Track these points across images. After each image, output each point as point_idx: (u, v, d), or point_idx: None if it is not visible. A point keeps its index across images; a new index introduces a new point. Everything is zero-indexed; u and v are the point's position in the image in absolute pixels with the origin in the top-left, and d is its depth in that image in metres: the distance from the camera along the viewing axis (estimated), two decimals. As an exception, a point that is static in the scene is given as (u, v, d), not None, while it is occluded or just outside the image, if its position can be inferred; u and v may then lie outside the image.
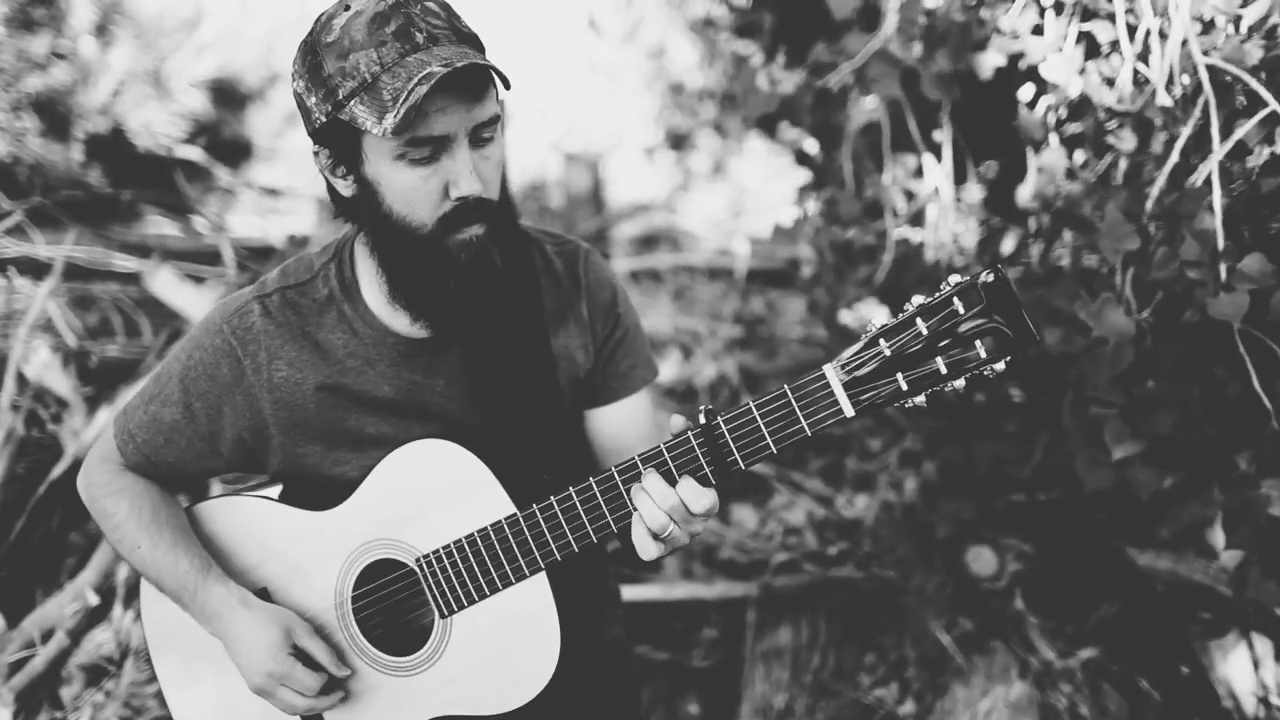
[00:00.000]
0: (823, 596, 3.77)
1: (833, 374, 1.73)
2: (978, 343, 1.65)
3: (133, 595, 3.46)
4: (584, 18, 8.82)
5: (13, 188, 6.41)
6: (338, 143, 1.86)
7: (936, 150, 3.58)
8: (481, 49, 1.87)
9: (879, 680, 3.52)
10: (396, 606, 2.09)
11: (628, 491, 1.87)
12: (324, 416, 2.06)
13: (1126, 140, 2.85)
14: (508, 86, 1.81)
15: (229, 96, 9.91)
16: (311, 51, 1.82)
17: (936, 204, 3.59)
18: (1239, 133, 2.46)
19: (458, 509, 1.99)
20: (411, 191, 1.83)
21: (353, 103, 1.78)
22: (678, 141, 9.09)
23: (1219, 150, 2.49)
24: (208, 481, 3.53)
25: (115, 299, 5.10)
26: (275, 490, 2.16)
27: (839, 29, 3.63)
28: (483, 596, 2.00)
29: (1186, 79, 2.70)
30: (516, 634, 2.01)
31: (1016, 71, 3.29)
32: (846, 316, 3.86)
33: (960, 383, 1.70)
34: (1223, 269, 2.38)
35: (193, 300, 5.05)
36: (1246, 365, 2.43)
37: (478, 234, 1.87)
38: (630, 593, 3.80)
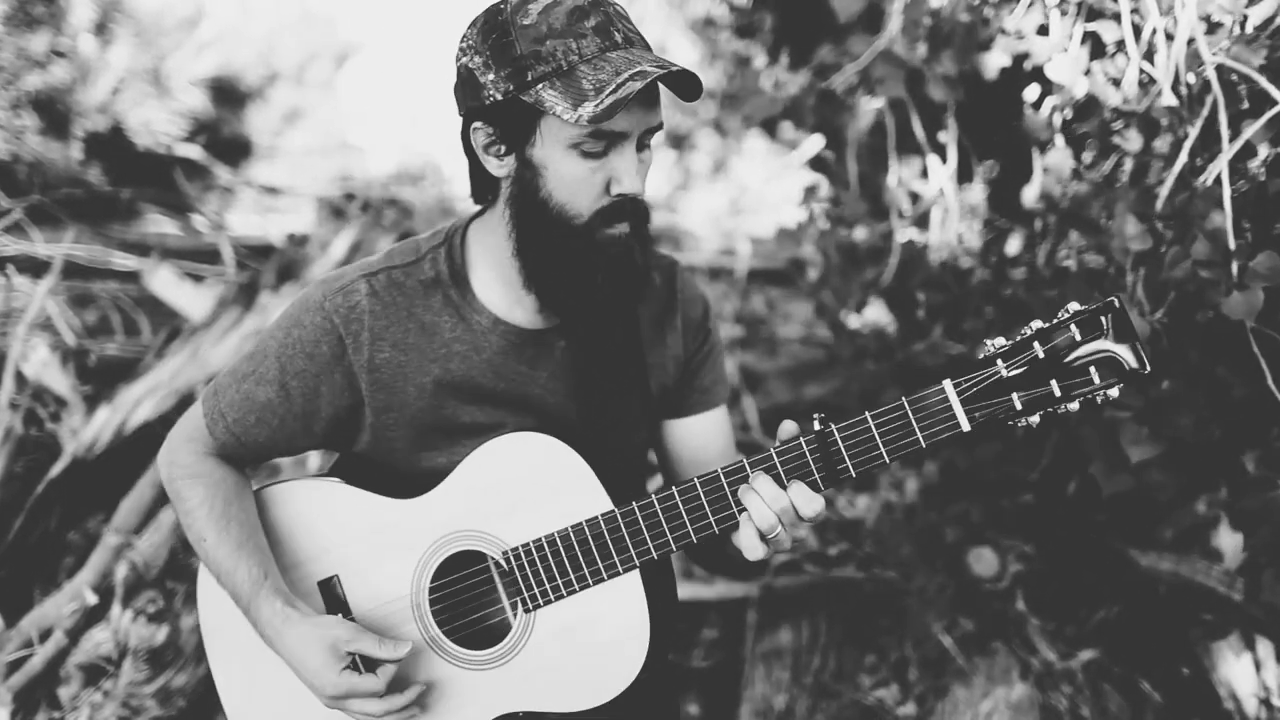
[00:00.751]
0: (823, 597, 3.76)
1: (951, 389, 1.79)
2: (1092, 368, 1.74)
3: (131, 595, 3.45)
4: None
5: (12, 186, 6.41)
6: (509, 121, 1.87)
7: (941, 151, 3.58)
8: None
9: (880, 681, 3.51)
10: (475, 600, 2.07)
11: (733, 493, 1.89)
12: (423, 401, 2.04)
13: (1132, 140, 2.85)
14: (694, 99, 1.87)
15: (229, 95, 9.92)
16: (501, 30, 1.83)
17: (941, 205, 3.59)
18: (1248, 132, 2.46)
19: (552, 504, 1.98)
20: (578, 181, 1.85)
21: (541, 86, 1.80)
22: (678, 141, 9.10)
23: (1228, 149, 2.48)
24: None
25: (114, 297, 5.09)
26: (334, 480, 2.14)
27: (843, 30, 3.63)
28: (571, 592, 1.99)
29: (1192, 78, 2.69)
30: (603, 631, 2.00)
31: (1021, 72, 3.29)
32: (852, 318, 3.86)
33: (1074, 405, 1.77)
34: (1235, 268, 2.38)
35: (192, 299, 5.05)
36: (1260, 364, 2.42)
37: (625, 232, 1.90)
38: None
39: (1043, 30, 3.20)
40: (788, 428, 1.89)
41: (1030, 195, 3.28)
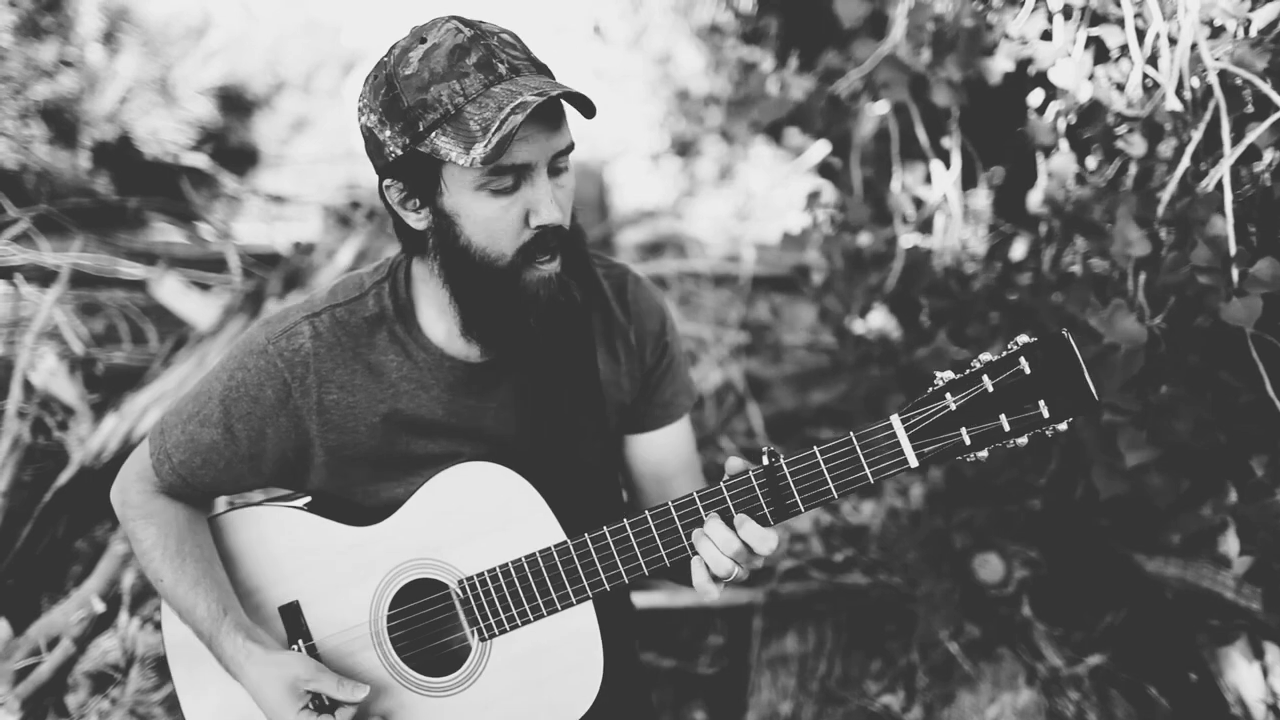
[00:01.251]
0: (829, 603, 3.75)
1: (898, 424, 1.78)
2: (1041, 402, 1.72)
3: (138, 602, 3.46)
4: (590, 25, 8.84)
5: (20, 195, 6.43)
6: (414, 175, 1.85)
7: (945, 156, 3.58)
8: (552, 76, 1.88)
9: (886, 687, 3.50)
10: (433, 627, 2.07)
11: (685, 528, 1.89)
12: (376, 440, 2.04)
13: (1136, 145, 2.84)
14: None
15: (236, 103, 9.95)
16: (387, 85, 1.81)
17: (945, 210, 3.58)
18: (1250, 137, 2.45)
19: (505, 533, 1.98)
20: (493, 221, 1.83)
21: (434, 134, 1.78)
22: (683, 148, 9.10)
23: (1230, 154, 2.48)
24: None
25: (122, 306, 5.11)
26: (303, 501, 2.14)
27: (847, 36, 3.63)
28: (526, 622, 2.00)
29: (1196, 83, 2.69)
30: (559, 660, 2.01)
31: (1025, 77, 3.28)
32: (857, 324, 3.85)
33: (1023, 440, 1.75)
34: (1235, 274, 2.37)
35: (199, 307, 5.06)
36: (1259, 370, 2.42)
37: (555, 271, 1.88)
38: (635, 600, 3.79)
39: (1046, 35, 3.19)
40: (735, 463, 1.88)
41: (1035, 200, 3.27)
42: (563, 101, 1.81)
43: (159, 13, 9.35)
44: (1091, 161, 3.15)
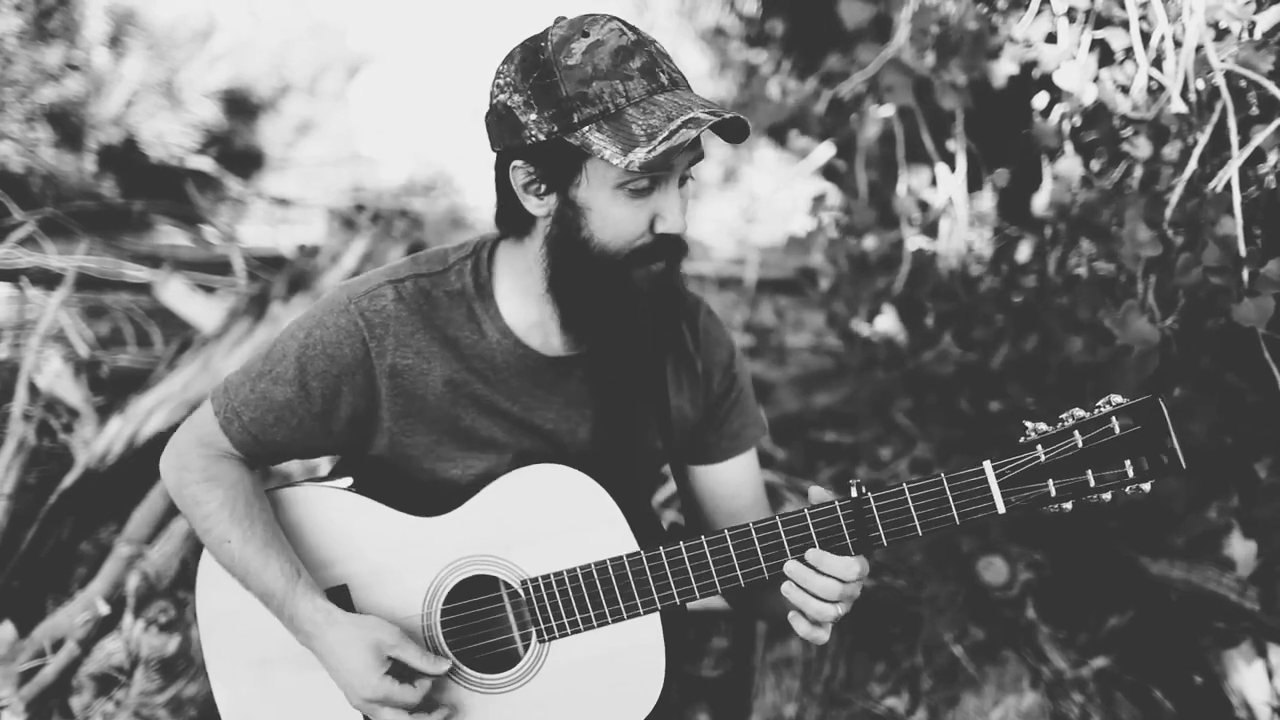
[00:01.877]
0: (834, 606, 3.74)
1: (990, 470, 1.81)
2: (1127, 461, 1.78)
3: (143, 604, 3.45)
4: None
5: (25, 198, 6.44)
6: (552, 162, 1.85)
7: (950, 159, 3.57)
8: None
9: (890, 690, 3.50)
10: (486, 625, 2.07)
11: (765, 551, 1.90)
12: (441, 410, 2.04)
13: (1142, 147, 2.84)
14: (742, 141, 1.87)
15: (241, 107, 9.96)
16: (544, 69, 1.81)
17: (951, 213, 3.58)
18: (1258, 138, 2.46)
19: (576, 538, 1.98)
20: (623, 221, 1.84)
21: (588, 128, 1.78)
22: (688, 151, 9.08)
23: (1238, 155, 2.48)
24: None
25: (127, 309, 5.11)
26: (346, 484, 2.12)
27: (851, 38, 3.63)
28: (589, 627, 1.99)
29: (1201, 85, 2.69)
30: (619, 669, 2.00)
31: (1030, 80, 3.28)
32: (863, 327, 3.85)
33: (1107, 496, 1.81)
34: (1246, 274, 2.37)
35: (203, 310, 5.06)
36: (1271, 371, 2.42)
37: (662, 268, 1.89)
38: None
39: (1051, 38, 3.19)
40: (819, 492, 1.89)
41: (1040, 203, 3.27)
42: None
43: (165, 16, 9.37)
44: (1097, 164, 3.15)
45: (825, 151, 4.03)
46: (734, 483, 2.25)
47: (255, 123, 10.04)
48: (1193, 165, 2.63)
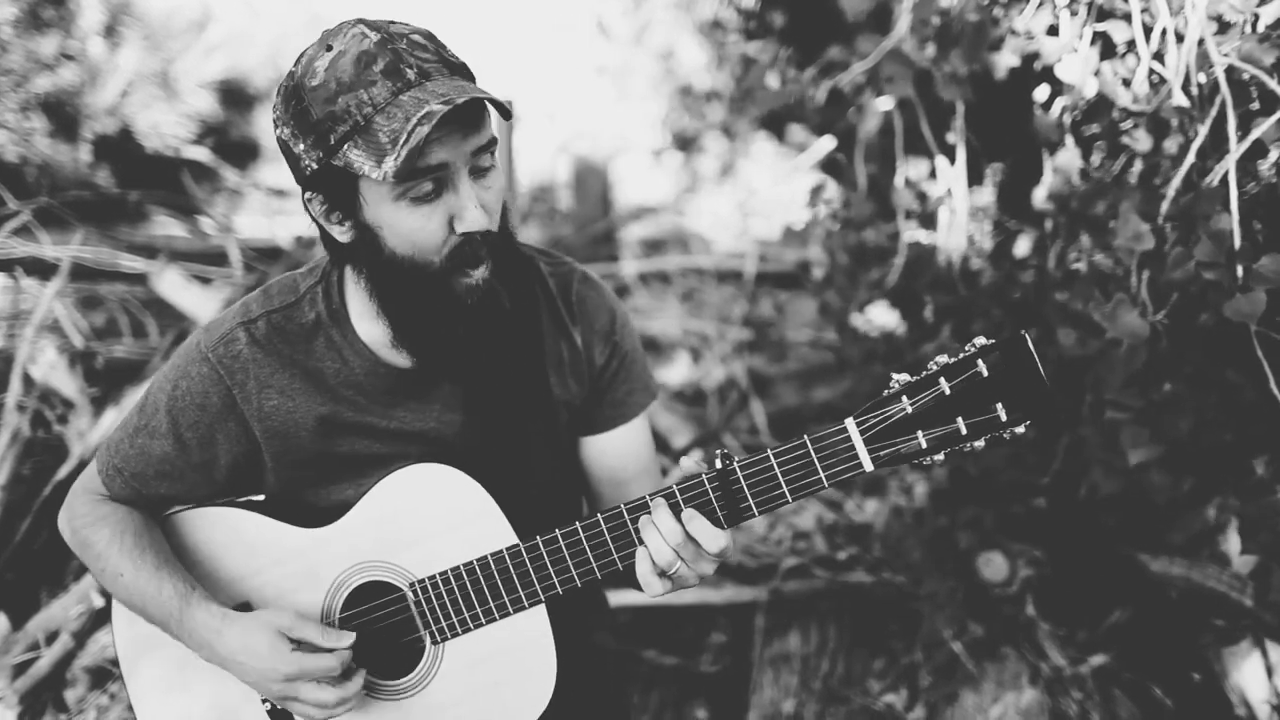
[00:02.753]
0: (832, 602, 3.74)
1: (853, 427, 1.75)
2: (999, 405, 1.69)
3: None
4: (592, 21, 8.82)
5: (21, 188, 6.41)
6: (332, 189, 1.79)
7: (950, 152, 3.55)
8: (472, 77, 1.81)
9: (889, 686, 3.49)
10: (387, 630, 2.04)
11: (636, 529, 1.86)
12: (318, 445, 2.01)
13: (1142, 141, 2.83)
14: (507, 117, 1.75)
15: (237, 97, 9.94)
16: (296, 96, 1.75)
17: (950, 206, 3.56)
18: (1256, 132, 2.44)
19: (456, 535, 1.96)
20: (416, 231, 1.77)
21: (346, 147, 1.71)
22: (686, 144, 9.09)
23: (1236, 149, 2.46)
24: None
25: (122, 299, 5.09)
26: (254, 500, 2.12)
27: (851, 29, 3.61)
28: (478, 625, 1.98)
29: (1203, 78, 2.67)
30: (512, 664, 1.99)
31: (1031, 72, 3.26)
32: (858, 319, 3.83)
33: (980, 443, 1.72)
34: (1239, 269, 2.35)
35: (199, 301, 5.04)
36: (1264, 367, 2.40)
37: (484, 276, 1.83)
38: (638, 597, 3.77)
39: (1052, 30, 3.17)
40: (688, 464, 1.86)
41: (1039, 196, 3.25)
42: (488, 103, 1.74)
43: (160, 6, 9.34)
44: (1097, 157, 3.14)
45: (824, 144, 4.01)
46: (620, 453, 2.21)
47: (251, 114, 10.01)
48: (1191, 159, 2.61)
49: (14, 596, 3.56)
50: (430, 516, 1.97)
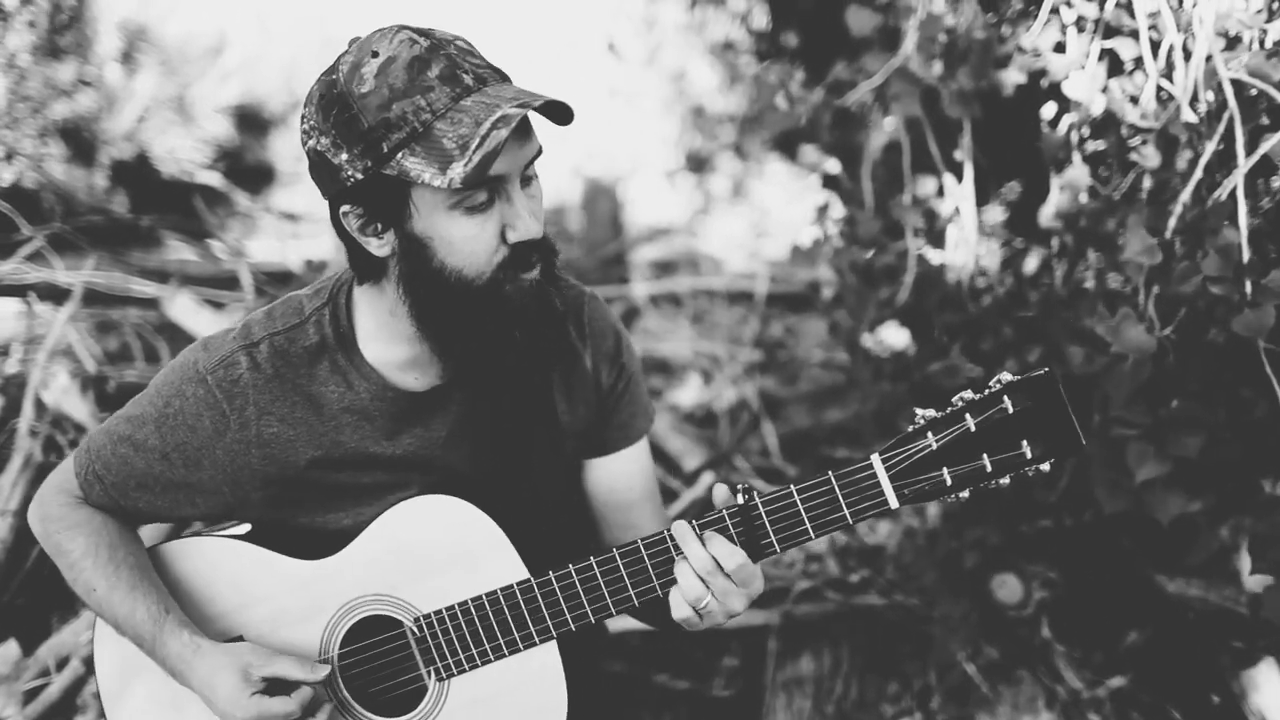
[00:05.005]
0: (845, 625, 3.71)
1: (879, 464, 1.73)
2: (1024, 442, 1.68)
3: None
4: (604, 42, 8.86)
5: (34, 213, 6.46)
6: (377, 199, 1.75)
7: (957, 170, 3.54)
8: (513, 84, 1.79)
9: (902, 710, 3.46)
10: (387, 666, 2.01)
11: (655, 568, 1.84)
12: (316, 474, 1.98)
13: (1151, 157, 2.81)
14: (568, 123, 1.73)
15: (253, 122, 10.01)
16: (341, 104, 1.70)
17: (958, 224, 3.55)
18: (1264, 147, 2.42)
19: (464, 569, 1.93)
20: (469, 240, 1.73)
21: (401, 155, 1.68)
22: (698, 164, 9.11)
23: (1244, 164, 2.44)
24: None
25: (134, 324, 5.11)
26: (243, 529, 2.09)
27: (858, 47, 3.60)
28: (486, 662, 1.94)
29: (1211, 95, 2.66)
30: (521, 702, 1.95)
31: (1038, 89, 3.25)
32: (868, 339, 3.81)
33: (1005, 480, 1.71)
34: (1248, 284, 2.33)
35: (211, 325, 5.06)
36: (1272, 383, 2.38)
37: (535, 278, 1.80)
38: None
39: (1059, 48, 3.16)
40: (719, 492, 1.82)
41: (1047, 214, 3.24)
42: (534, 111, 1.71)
43: (176, 32, 9.42)
44: (1104, 174, 3.12)
45: (834, 164, 4.00)
46: (624, 475, 2.18)
47: (266, 138, 10.08)
48: (1199, 174, 2.60)
49: (25, 622, 3.56)
50: (437, 550, 1.93)
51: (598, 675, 2.30)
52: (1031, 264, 3.57)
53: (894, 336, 3.84)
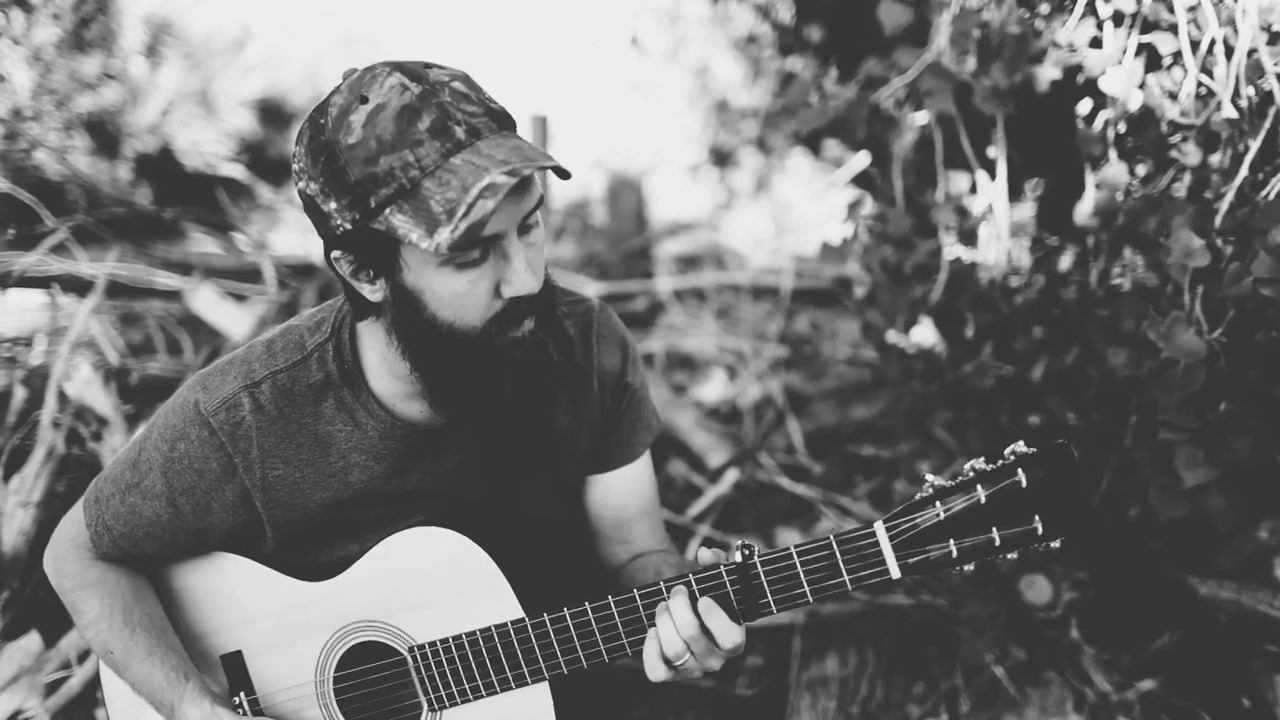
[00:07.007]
0: (871, 624, 3.69)
1: (882, 532, 1.69)
2: (1036, 517, 1.63)
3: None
4: (627, 37, 8.84)
5: (58, 206, 6.47)
6: (367, 250, 1.70)
7: (990, 167, 3.50)
8: (514, 124, 1.72)
9: (929, 711, 3.44)
10: (383, 692, 2.00)
11: (649, 617, 1.80)
12: (323, 513, 1.95)
13: (1191, 154, 2.76)
14: (567, 177, 1.66)
15: (275, 115, 10.05)
16: (327, 153, 1.64)
17: (990, 222, 3.51)
18: (1313, 145, 2.38)
19: (459, 603, 1.91)
20: (461, 297, 1.68)
21: (389, 211, 1.62)
22: (721, 159, 9.08)
23: (1292, 163, 2.40)
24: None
25: (157, 317, 5.11)
26: None
27: (889, 43, 3.56)
28: (478, 696, 1.93)
29: (1253, 91, 2.61)
30: None
31: (1074, 85, 3.21)
32: (899, 339, 3.78)
33: (1013, 555, 1.66)
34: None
35: (233, 318, 5.06)
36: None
37: (530, 329, 1.75)
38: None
39: (1096, 43, 3.12)
40: (706, 555, 1.78)
41: (1082, 212, 3.19)
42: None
43: (200, 26, 9.46)
44: (1141, 171, 3.08)
45: (861, 159, 3.96)
46: (622, 492, 2.15)
47: (288, 131, 10.11)
48: (1244, 172, 2.55)
49: (46, 614, 3.56)
50: (434, 581, 1.92)
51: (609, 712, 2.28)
52: (1065, 263, 3.53)
53: (921, 334, 3.81)
